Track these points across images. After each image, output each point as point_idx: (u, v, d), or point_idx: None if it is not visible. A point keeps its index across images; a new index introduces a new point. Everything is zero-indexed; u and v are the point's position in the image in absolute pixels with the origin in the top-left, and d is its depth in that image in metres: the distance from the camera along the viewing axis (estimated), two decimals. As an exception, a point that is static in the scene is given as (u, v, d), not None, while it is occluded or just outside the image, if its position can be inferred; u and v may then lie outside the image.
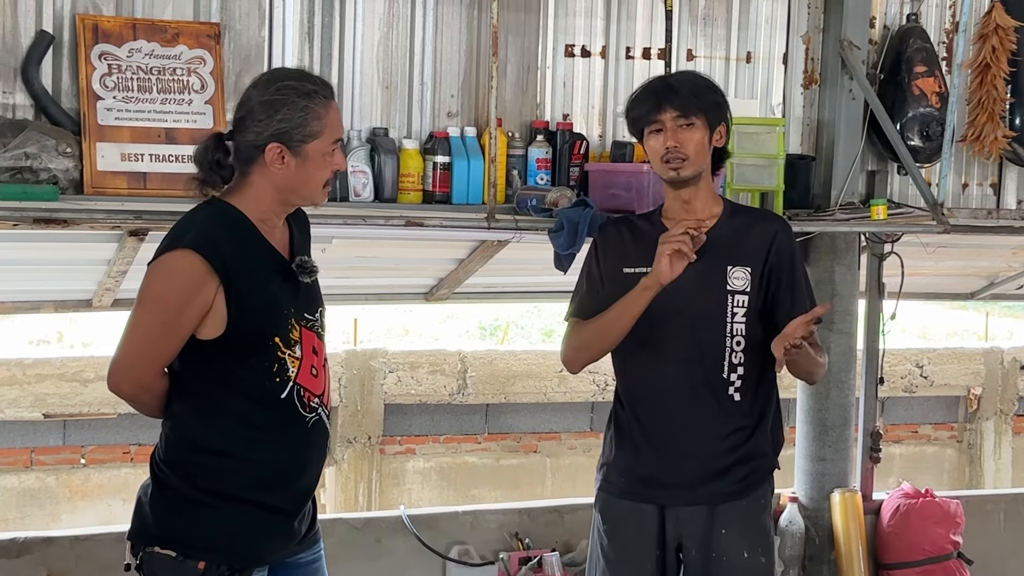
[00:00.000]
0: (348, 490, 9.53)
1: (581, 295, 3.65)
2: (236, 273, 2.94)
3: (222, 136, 3.06)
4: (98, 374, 8.81)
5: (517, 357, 9.97)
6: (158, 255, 2.97)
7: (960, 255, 6.56)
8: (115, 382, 3.02)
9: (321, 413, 3.12)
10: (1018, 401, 11.35)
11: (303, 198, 3.09)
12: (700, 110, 3.44)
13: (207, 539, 3.00)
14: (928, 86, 5.43)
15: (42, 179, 4.16)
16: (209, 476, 3.01)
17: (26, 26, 4.33)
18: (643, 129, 3.49)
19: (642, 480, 3.55)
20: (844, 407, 5.76)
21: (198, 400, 3.02)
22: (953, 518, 5.83)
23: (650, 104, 3.45)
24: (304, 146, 2.98)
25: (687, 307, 3.46)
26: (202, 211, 3.03)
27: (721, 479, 3.52)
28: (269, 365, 3.00)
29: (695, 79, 3.56)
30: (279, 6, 4.67)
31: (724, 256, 3.49)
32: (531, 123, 5.01)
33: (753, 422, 3.54)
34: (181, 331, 2.94)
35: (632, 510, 3.57)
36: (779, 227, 3.61)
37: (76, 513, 9.04)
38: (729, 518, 3.52)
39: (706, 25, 5.32)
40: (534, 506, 5.78)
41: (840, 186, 5.39)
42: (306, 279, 3.12)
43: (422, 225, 4.59)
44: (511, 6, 4.93)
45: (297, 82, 3.01)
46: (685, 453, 3.50)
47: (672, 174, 3.46)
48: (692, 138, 3.43)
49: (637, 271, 3.47)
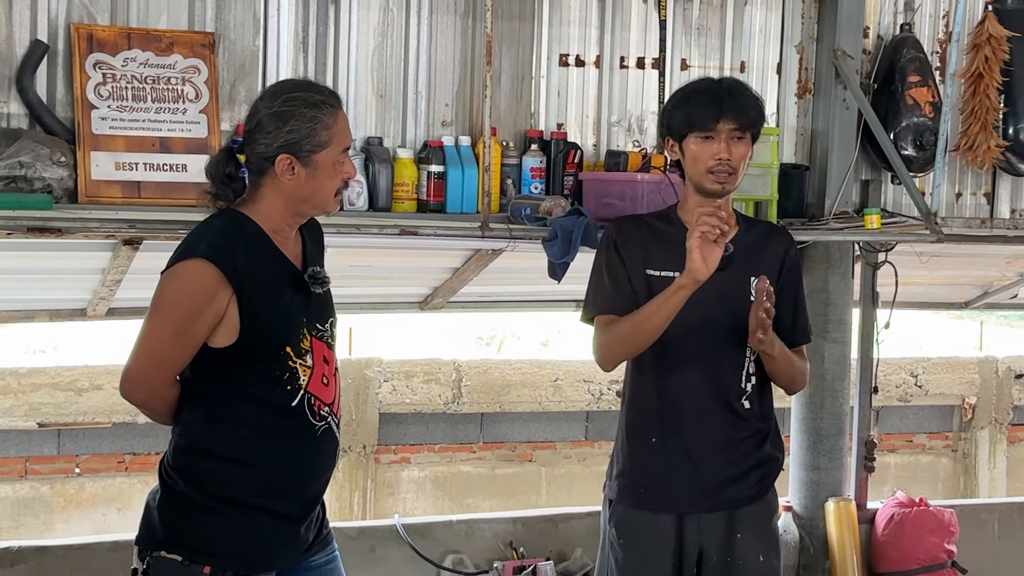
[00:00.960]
0: (343, 499, 9.52)
1: (605, 290, 3.53)
2: (249, 283, 2.97)
3: (233, 150, 3.10)
4: (93, 383, 8.81)
5: (512, 366, 9.96)
6: (172, 264, 3.00)
7: (954, 264, 6.57)
8: (128, 389, 3.04)
9: (331, 422, 3.15)
10: (1013, 410, 11.35)
11: (315, 207, 3.12)
12: (753, 123, 3.41)
13: (214, 544, 3.02)
14: (921, 96, 5.44)
15: (36, 188, 4.17)
16: (218, 482, 3.04)
17: (20, 35, 4.34)
18: (688, 132, 3.42)
19: (661, 489, 3.53)
20: (838, 416, 5.77)
21: (209, 407, 3.05)
22: (947, 527, 5.84)
23: (711, 110, 3.37)
24: (314, 156, 3.01)
25: (711, 315, 3.43)
26: (216, 221, 3.07)
27: (739, 483, 3.52)
28: (280, 374, 3.04)
29: (748, 89, 3.48)
30: (274, 15, 4.68)
31: (747, 266, 3.47)
32: (525, 132, 5.02)
33: (765, 427, 3.56)
34: (194, 339, 2.97)
35: (649, 521, 3.54)
36: (789, 244, 3.62)
37: (70, 522, 9.03)
38: (745, 522, 3.53)
39: (700, 35, 5.33)
40: (528, 515, 5.78)
41: (834, 195, 5.40)
42: (318, 289, 3.15)
43: (416, 234, 4.60)
44: (505, 15, 4.94)
45: (304, 93, 3.05)
46: (705, 460, 3.49)
47: (718, 187, 3.41)
48: (741, 152, 3.40)
49: (662, 275, 3.44)
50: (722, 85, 3.46)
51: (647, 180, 4.58)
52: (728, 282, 3.42)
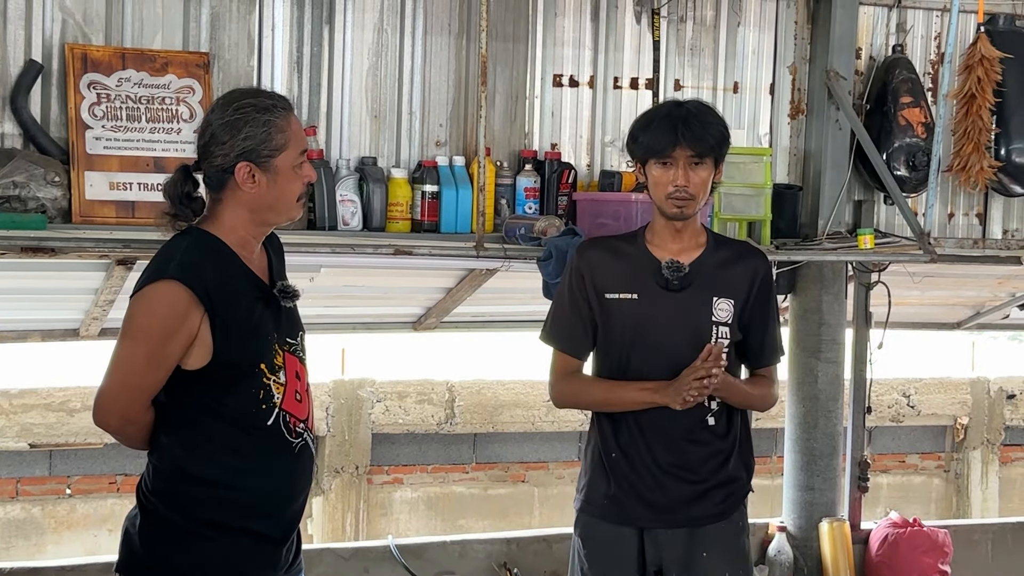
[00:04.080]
0: (335, 520, 9.49)
1: (565, 322, 3.60)
2: (220, 301, 2.92)
3: (189, 168, 3.03)
4: (84, 404, 8.76)
5: (505, 386, 9.95)
6: (141, 286, 2.94)
7: (946, 285, 6.59)
8: (101, 416, 2.99)
9: (307, 438, 3.11)
10: (1005, 431, 11.35)
11: (279, 214, 3.05)
12: (712, 149, 3.41)
13: (195, 567, 2.98)
14: (914, 116, 5.46)
15: (30, 208, 4.16)
16: (198, 505, 2.98)
17: (15, 55, 4.35)
18: (648, 157, 3.45)
19: (622, 503, 3.54)
20: (832, 436, 5.77)
21: (185, 430, 3.00)
22: (941, 547, 5.84)
23: (667, 137, 3.39)
24: (272, 160, 2.96)
25: (672, 336, 3.46)
26: (182, 241, 3.00)
27: (700, 502, 3.52)
28: (256, 392, 2.99)
29: (708, 114, 3.48)
30: (268, 36, 4.69)
31: (709, 287, 3.49)
32: (519, 152, 5.03)
33: (729, 447, 3.55)
34: (167, 362, 2.92)
35: (612, 532, 3.56)
36: (761, 263, 3.61)
37: (62, 544, 8.97)
38: (710, 541, 3.53)
39: (693, 55, 5.35)
40: (522, 535, 5.77)
41: (827, 215, 5.42)
42: (288, 303, 3.12)
43: (411, 253, 4.60)
44: (500, 36, 4.96)
45: (254, 99, 3.00)
46: (665, 477, 3.50)
47: (676, 211, 3.44)
48: (700, 177, 3.42)
49: (620, 297, 3.49)
50: (680, 111, 3.45)
51: (641, 200, 4.58)
52: (688, 302, 3.47)
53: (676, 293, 3.42)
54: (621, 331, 3.49)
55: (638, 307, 3.47)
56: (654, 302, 3.46)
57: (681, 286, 3.43)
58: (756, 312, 3.53)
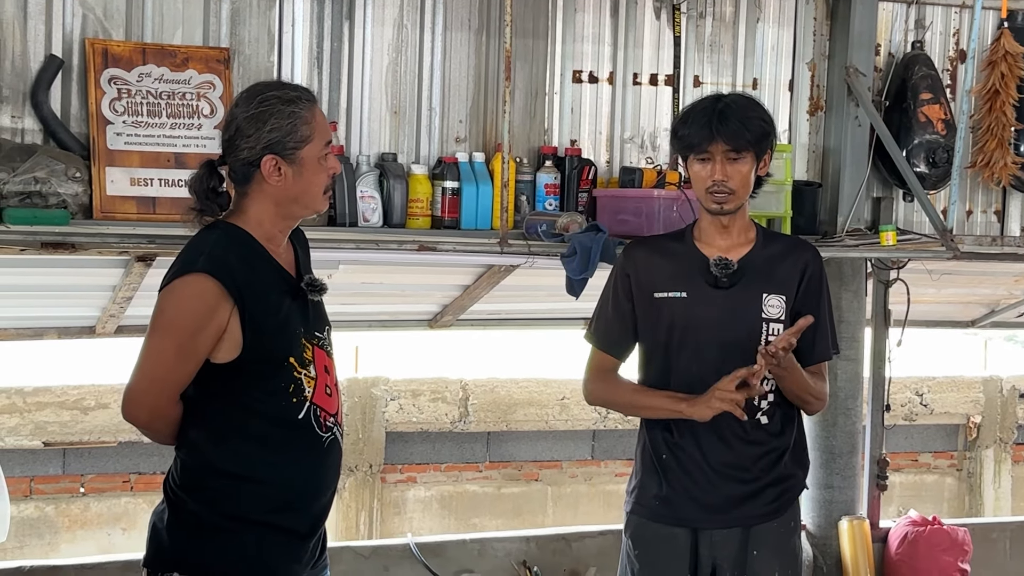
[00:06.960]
0: (349, 519, 9.48)
1: (607, 321, 3.58)
2: (249, 295, 2.91)
3: (214, 163, 3.03)
4: (99, 402, 8.77)
5: (519, 385, 9.94)
6: (169, 280, 2.93)
7: (962, 282, 6.57)
8: (130, 411, 2.97)
9: (336, 432, 3.10)
10: (1017, 429, 11.32)
11: (305, 207, 3.05)
12: (750, 143, 3.36)
13: (225, 563, 2.97)
14: (934, 113, 5.44)
15: (51, 204, 4.15)
16: (228, 500, 2.97)
17: (35, 50, 4.33)
18: (687, 152, 3.42)
19: (675, 504, 3.51)
20: (851, 434, 5.76)
21: (215, 425, 2.99)
22: (961, 546, 5.82)
23: (702, 132, 3.36)
24: (298, 152, 2.95)
25: (722, 334, 3.41)
26: (210, 234, 2.99)
27: (753, 501, 3.49)
28: (285, 386, 2.98)
29: (748, 107, 3.43)
30: (288, 31, 4.68)
31: (759, 283, 3.45)
32: (539, 149, 5.02)
33: (783, 444, 3.52)
34: (196, 356, 2.91)
35: (664, 534, 3.53)
36: (811, 256, 3.56)
37: (75, 543, 8.97)
38: (761, 540, 3.50)
39: (712, 52, 5.34)
40: (542, 534, 5.76)
41: (847, 212, 5.41)
42: (316, 297, 3.11)
43: (435, 249, 4.58)
44: (519, 32, 4.94)
45: (279, 91, 2.99)
46: (718, 476, 3.47)
47: (715, 207, 3.41)
48: (740, 171, 3.37)
49: (669, 296, 3.46)
50: (717, 105, 3.41)
51: (663, 196, 4.58)
52: (738, 299, 3.42)
53: (725, 290, 3.38)
54: (670, 329, 3.45)
55: (687, 305, 3.43)
56: (703, 300, 3.42)
57: (730, 283, 3.39)
58: (807, 306, 3.46)
